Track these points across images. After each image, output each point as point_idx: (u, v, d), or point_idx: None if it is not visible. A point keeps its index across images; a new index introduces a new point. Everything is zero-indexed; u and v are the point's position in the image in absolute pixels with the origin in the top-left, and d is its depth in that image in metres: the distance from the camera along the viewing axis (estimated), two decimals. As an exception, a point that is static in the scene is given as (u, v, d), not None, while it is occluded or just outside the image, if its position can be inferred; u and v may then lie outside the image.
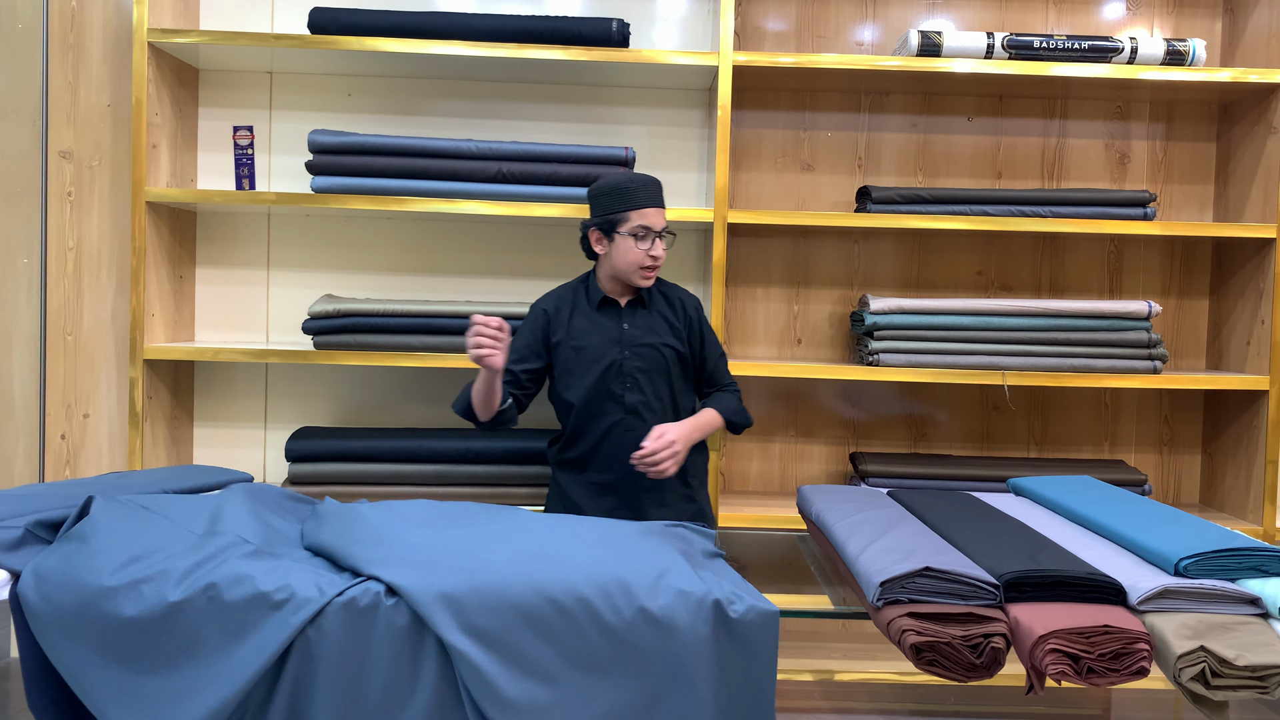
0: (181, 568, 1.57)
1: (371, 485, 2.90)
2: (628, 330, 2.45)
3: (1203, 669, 1.43)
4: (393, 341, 2.87)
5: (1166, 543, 1.69)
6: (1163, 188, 3.28)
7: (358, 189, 2.85)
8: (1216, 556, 1.62)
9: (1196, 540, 1.68)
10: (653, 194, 2.39)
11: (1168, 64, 2.93)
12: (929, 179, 3.25)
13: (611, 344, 2.44)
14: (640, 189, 2.38)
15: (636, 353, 2.44)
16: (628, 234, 2.37)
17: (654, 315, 2.48)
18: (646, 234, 2.37)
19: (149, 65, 2.83)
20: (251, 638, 1.51)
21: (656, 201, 2.39)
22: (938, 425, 3.28)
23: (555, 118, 3.18)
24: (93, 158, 3.10)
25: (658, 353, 2.45)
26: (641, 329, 2.46)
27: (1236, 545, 1.64)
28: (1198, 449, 3.32)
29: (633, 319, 2.47)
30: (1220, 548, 1.63)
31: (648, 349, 2.45)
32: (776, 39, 3.23)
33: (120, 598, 1.54)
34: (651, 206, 2.37)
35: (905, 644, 1.50)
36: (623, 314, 2.47)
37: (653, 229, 2.37)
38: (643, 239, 2.37)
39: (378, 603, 1.53)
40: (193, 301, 3.16)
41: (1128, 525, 1.85)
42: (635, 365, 2.44)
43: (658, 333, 2.47)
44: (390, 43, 2.82)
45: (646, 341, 2.45)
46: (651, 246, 2.38)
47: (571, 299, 2.51)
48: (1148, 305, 2.95)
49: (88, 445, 3.14)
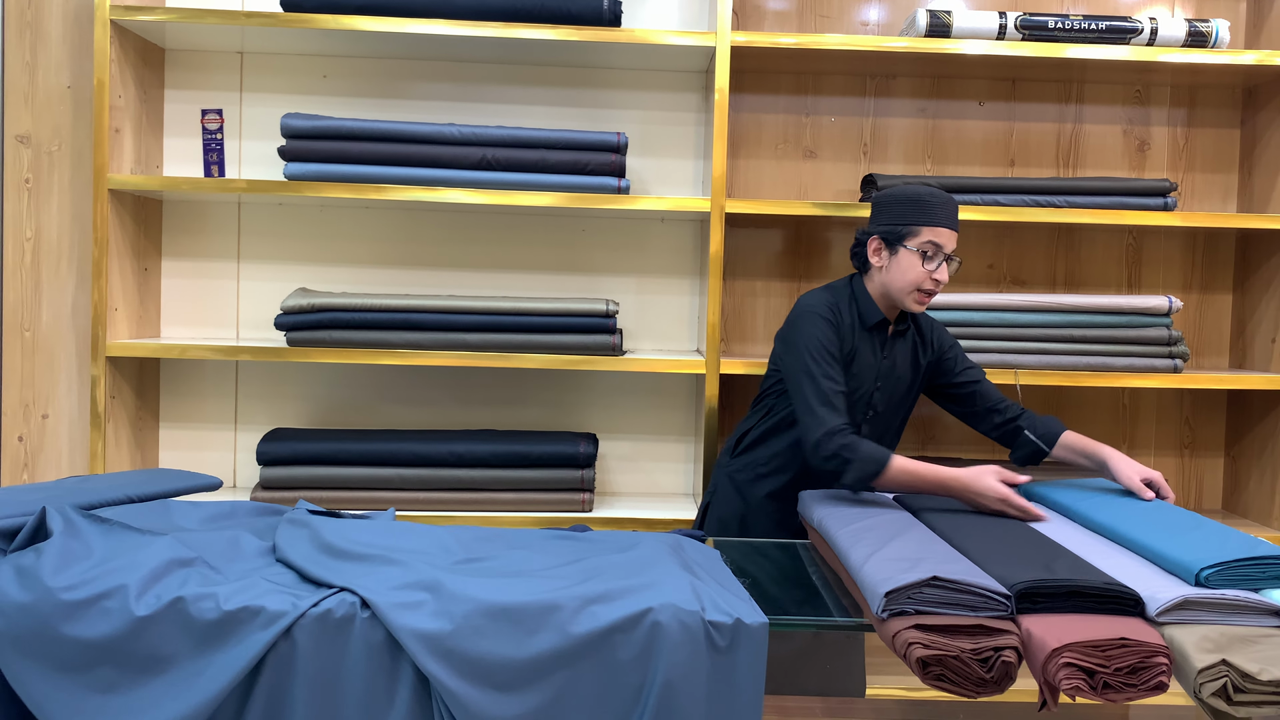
0: (144, 581, 1.57)
1: (348, 490, 2.89)
2: (885, 359, 2.43)
3: (1224, 684, 1.44)
4: (371, 338, 2.86)
5: (1187, 551, 1.69)
6: (1184, 176, 3.29)
7: (333, 176, 2.85)
8: (1240, 566, 1.63)
9: (1218, 548, 1.68)
10: (951, 214, 2.33)
11: (1189, 46, 2.93)
12: (938, 167, 3.25)
13: (869, 371, 2.41)
14: (940, 205, 2.32)
15: (886, 385, 2.43)
16: (915, 249, 2.30)
17: (908, 343, 2.47)
18: (936, 253, 2.30)
19: (112, 45, 2.82)
20: (221, 652, 1.53)
21: (953, 223, 2.32)
22: (946, 426, 3.29)
23: (543, 101, 3.17)
24: (52, 143, 3.09)
25: (903, 387, 2.45)
26: (894, 359, 2.44)
27: (1261, 554, 1.65)
28: (1220, 452, 3.33)
29: (892, 346, 2.44)
30: (1244, 556, 1.64)
31: (896, 382, 2.44)
32: (777, 18, 3.23)
33: (80, 613, 1.54)
34: (948, 227, 2.31)
35: (912, 658, 1.50)
36: (888, 340, 2.44)
37: (943, 248, 2.31)
38: (931, 258, 2.30)
39: (353, 614, 1.55)
40: (158, 295, 3.15)
41: (1146, 532, 1.85)
42: (881, 398, 2.43)
43: (906, 365, 2.45)
44: (368, 21, 2.81)
45: (896, 374, 2.44)
46: (936, 269, 2.31)
47: (847, 312, 2.42)
48: (1168, 300, 2.96)
49: (46, 448, 3.13)
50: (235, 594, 1.57)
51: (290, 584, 1.64)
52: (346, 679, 1.54)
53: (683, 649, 1.54)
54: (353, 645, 1.54)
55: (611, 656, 1.54)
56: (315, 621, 1.54)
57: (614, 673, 1.54)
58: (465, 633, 1.52)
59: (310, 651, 1.54)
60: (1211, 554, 1.65)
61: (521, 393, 3.19)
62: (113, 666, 1.53)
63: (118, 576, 1.58)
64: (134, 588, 1.55)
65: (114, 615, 1.54)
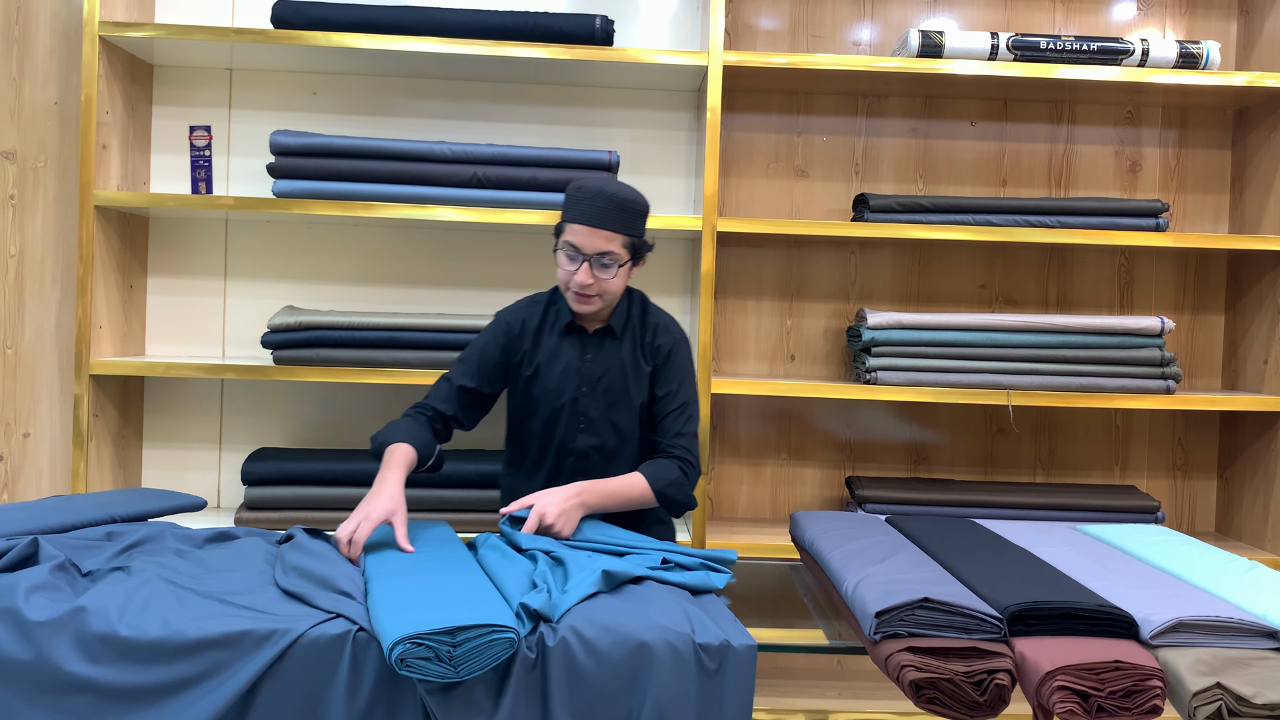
0: (134, 610, 1.57)
1: (334, 510, 2.88)
2: (588, 363, 2.31)
3: (1219, 707, 1.44)
4: (358, 356, 2.86)
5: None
6: (1176, 197, 3.31)
7: (322, 193, 2.85)
8: None
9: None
10: (592, 211, 2.17)
11: (1180, 67, 2.96)
12: (930, 186, 3.27)
13: (569, 378, 2.31)
14: (581, 201, 2.19)
15: (595, 392, 2.31)
16: (559, 250, 2.23)
17: (623, 348, 2.33)
18: (575, 255, 2.19)
19: (100, 60, 2.82)
20: (212, 677, 1.52)
21: (593, 220, 2.17)
22: (939, 448, 3.29)
23: (535, 119, 3.18)
24: (38, 158, 3.09)
25: (618, 392, 2.31)
26: (604, 364, 2.31)
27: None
28: (1213, 474, 3.34)
29: (598, 351, 2.33)
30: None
31: (606, 387, 2.31)
32: (769, 38, 3.26)
33: (63, 642, 1.53)
34: (585, 224, 2.17)
35: (904, 680, 1.50)
36: (588, 343, 2.33)
37: (581, 249, 2.18)
38: (571, 259, 2.20)
39: (347, 637, 1.55)
40: (143, 313, 3.14)
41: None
42: (591, 406, 2.30)
43: (617, 369, 2.31)
44: (359, 38, 2.82)
45: (607, 380, 2.31)
46: (576, 270, 2.19)
47: (540, 315, 2.37)
48: (1160, 321, 2.98)
49: (27, 467, 3.11)
50: (232, 619, 1.57)
51: (289, 604, 1.65)
52: (339, 700, 1.53)
53: (672, 671, 1.53)
54: (348, 667, 1.54)
55: (608, 680, 1.54)
56: (308, 646, 1.54)
57: (609, 697, 1.54)
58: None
59: (302, 675, 1.53)
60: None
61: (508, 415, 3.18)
62: (100, 697, 1.52)
63: (102, 608, 1.57)
64: (119, 619, 1.55)
65: (94, 645, 1.53)
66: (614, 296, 2.27)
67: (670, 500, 2.24)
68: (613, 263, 2.19)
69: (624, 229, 2.20)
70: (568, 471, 2.31)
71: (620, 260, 2.21)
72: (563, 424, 2.31)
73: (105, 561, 1.79)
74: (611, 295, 2.25)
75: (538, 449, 2.35)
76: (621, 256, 2.21)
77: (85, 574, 1.73)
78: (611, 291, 2.23)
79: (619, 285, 2.24)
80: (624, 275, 2.25)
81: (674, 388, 2.32)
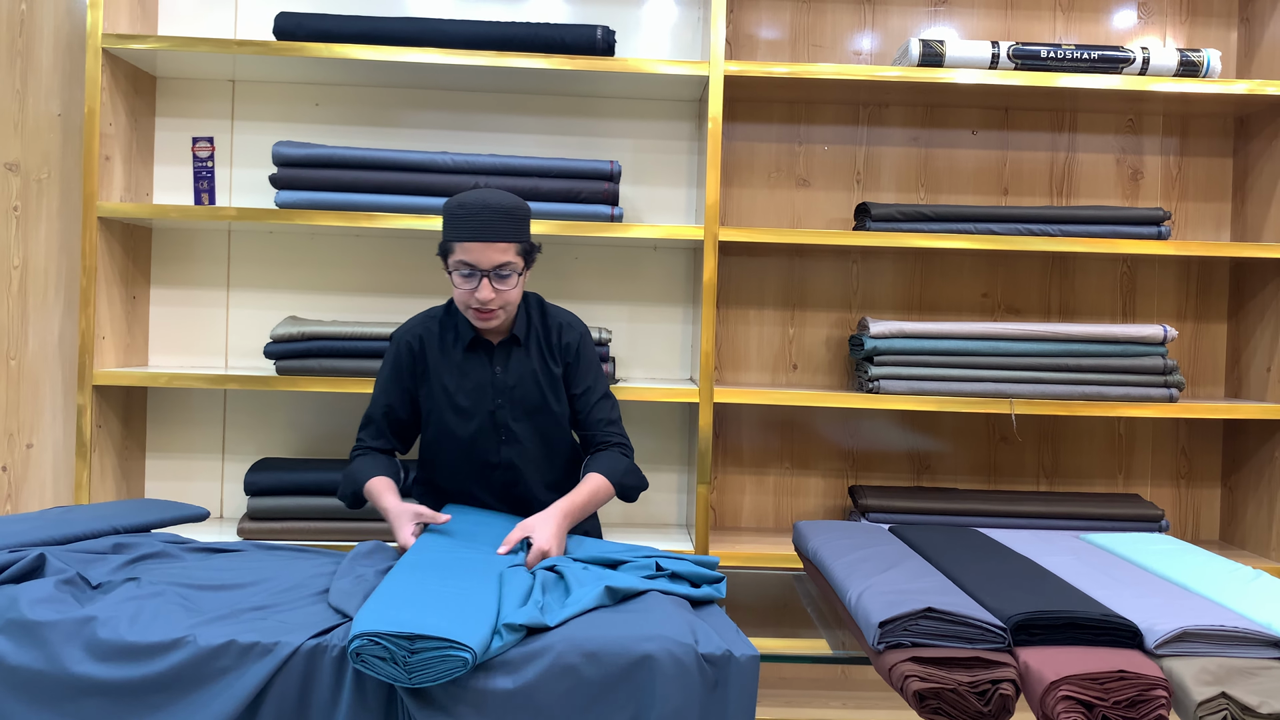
0: (145, 619, 1.58)
1: (336, 521, 2.88)
2: (500, 375, 2.29)
3: (1224, 717, 1.43)
4: (361, 367, 2.86)
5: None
6: (1177, 205, 3.31)
7: (325, 204, 2.85)
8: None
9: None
10: (481, 224, 2.13)
11: (1181, 75, 2.97)
12: (931, 195, 3.28)
13: (483, 393, 2.28)
14: (466, 218, 2.14)
15: (511, 403, 2.28)
16: (453, 271, 2.18)
17: (530, 353, 2.31)
18: (472, 273, 2.15)
19: (103, 72, 2.83)
20: (217, 684, 1.53)
21: (483, 233, 2.13)
22: (941, 457, 3.29)
23: (536, 130, 3.19)
24: (41, 170, 3.10)
25: (535, 399, 2.29)
26: (515, 374, 2.29)
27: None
28: (1217, 482, 3.33)
29: (506, 361, 2.30)
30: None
31: (521, 398, 2.29)
32: (770, 48, 3.26)
33: (73, 650, 1.54)
34: (476, 239, 2.13)
35: (908, 691, 1.50)
36: (495, 355, 2.30)
37: (478, 266, 2.14)
38: (468, 277, 2.16)
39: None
40: (146, 324, 3.15)
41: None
42: (510, 416, 2.29)
43: (529, 378, 2.29)
44: (361, 50, 2.83)
45: (521, 389, 2.29)
46: (478, 287, 2.15)
47: (439, 332, 2.32)
48: (1163, 330, 2.98)
49: (30, 478, 3.12)
50: (245, 629, 1.58)
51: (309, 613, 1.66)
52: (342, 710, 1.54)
53: (675, 682, 1.53)
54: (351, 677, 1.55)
55: (610, 690, 1.54)
56: (308, 656, 1.55)
57: (611, 706, 1.54)
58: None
59: (302, 685, 1.54)
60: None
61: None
62: (103, 699, 1.53)
63: (115, 619, 1.58)
64: (129, 626, 1.56)
65: (108, 653, 1.54)
66: (514, 306, 2.26)
67: (628, 489, 2.29)
68: (511, 272, 2.18)
69: (515, 236, 2.18)
70: (497, 483, 2.32)
71: (518, 269, 2.20)
72: (483, 439, 2.29)
73: (114, 572, 1.80)
74: (512, 305, 2.24)
75: (455, 464, 2.33)
76: (518, 265, 2.19)
77: (95, 586, 1.74)
78: (512, 302, 2.22)
79: (518, 294, 2.24)
80: (521, 283, 2.24)
81: (590, 382, 2.35)
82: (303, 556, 2.02)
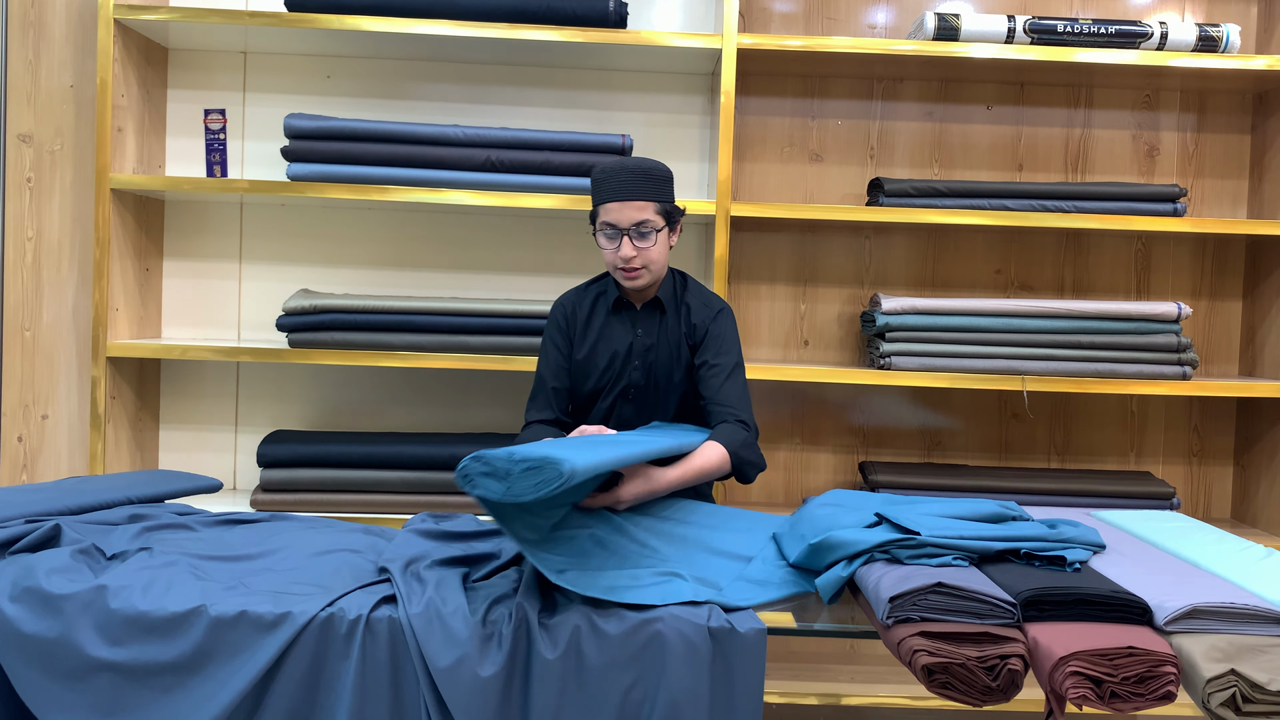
0: (158, 590, 1.59)
1: (349, 493, 2.89)
2: (640, 337, 2.38)
3: (1233, 694, 1.43)
4: (373, 340, 2.86)
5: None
6: (1194, 182, 3.28)
7: (337, 177, 2.85)
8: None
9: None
10: (618, 186, 2.23)
11: (1200, 51, 2.93)
12: (945, 171, 3.25)
13: (618, 354, 2.39)
14: (606, 179, 2.25)
15: (643, 364, 2.38)
16: (599, 234, 2.30)
17: (669, 320, 2.39)
18: (614, 232, 2.26)
19: (115, 44, 2.82)
20: (233, 658, 1.55)
21: (622, 194, 2.23)
22: (953, 433, 3.28)
23: (548, 103, 3.18)
24: (54, 142, 3.10)
25: (665, 364, 2.38)
26: (652, 339, 2.38)
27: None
28: (1229, 460, 3.32)
29: (648, 325, 2.39)
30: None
31: (655, 360, 2.38)
32: (784, 21, 3.24)
33: (87, 620, 1.56)
34: (615, 199, 2.24)
35: (917, 665, 1.50)
36: (638, 319, 2.40)
37: (618, 225, 2.25)
38: (611, 237, 2.27)
39: (360, 621, 1.56)
40: (159, 296, 3.15)
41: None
42: (639, 380, 2.38)
43: (669, 344, 2.38)
44: (373, 21, 2.82)
45: (654, 354, 2.38)
46: (620, 247, 2.26)
47: (591, 298, 2.45)
48: (1177, 307, 2.96)
49: (46, 448, 3.14)
50: (258, 602, 1.59)
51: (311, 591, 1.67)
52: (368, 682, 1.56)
53: (683, 656, 1.53)
54: (370, 648, 1.57)
55: (616, 661, 1.55)
56: (322, 626, 1.56)
57: (617, 677, 1.55)
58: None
59: (314, 656, 1.56)
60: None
61: (526, 396, 3.18)
62: (116, 673, 1.54)
63: (130, 590, 1.59)
64: (142, 597, 1.57)
65: (122, 628, 1.55)
66: (660, 266, 2.33)
67: (744, 463, 2.23)
68: (650, 230, 2.26)
69: (653, 196, 2.26)
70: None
71: (657, 226, 2.27)
72: (606, 394, 2.39)
73: (129, 542, 1.81)
74: (657, 265, 2.31)
75: (582, 421, 2.42)
76: (657, 223, 2.27)
77: (110, 557, 1.75)
78: (655, 260, 2.29)
79: (661, 253, 2.31)
80: (664, 242, 2.30)
81: (716, 358, 2.35)
82: (316, 527, 2.03)
